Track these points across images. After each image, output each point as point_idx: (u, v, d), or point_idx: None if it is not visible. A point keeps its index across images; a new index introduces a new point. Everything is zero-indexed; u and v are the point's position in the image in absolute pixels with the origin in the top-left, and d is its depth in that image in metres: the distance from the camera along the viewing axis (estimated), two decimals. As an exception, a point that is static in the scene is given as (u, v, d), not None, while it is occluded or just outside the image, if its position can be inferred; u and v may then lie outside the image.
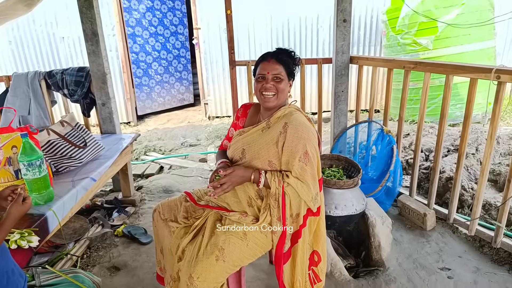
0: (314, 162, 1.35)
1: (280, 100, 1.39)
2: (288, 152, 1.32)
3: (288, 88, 1.42)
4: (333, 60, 2.82)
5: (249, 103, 1.60)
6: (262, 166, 1.36)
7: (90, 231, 2.28)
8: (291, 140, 1.31)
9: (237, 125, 1.58)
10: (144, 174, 3.84)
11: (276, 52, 1.40)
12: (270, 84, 1.37)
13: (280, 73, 1.36)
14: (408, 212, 2.44)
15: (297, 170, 1.31)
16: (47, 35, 5.17)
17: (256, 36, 5.35)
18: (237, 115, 1.60)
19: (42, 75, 2.67)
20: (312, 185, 1.33)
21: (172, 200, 1.56)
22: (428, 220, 2.28)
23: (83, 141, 1.96)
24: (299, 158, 1.31)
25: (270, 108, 1.42)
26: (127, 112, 5.65)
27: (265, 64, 1.38)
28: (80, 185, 1.72)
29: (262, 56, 1.41)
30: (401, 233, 2.28)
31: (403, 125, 2.55)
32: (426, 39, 4.09)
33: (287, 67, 1.38)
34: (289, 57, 1.40)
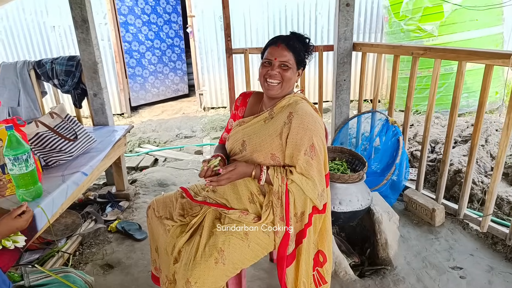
0: (321, 156, 1.28)
1: (284, 89, 1.31)
2: (292, 145, 1.25)
3: (296, 78, 1.33)
4: (335, 47, 2.74)
5: (248, 92, 1.52)
6: (264, 159, 1.30)
7: (82, 227, 2.22)
8: (296, 132, 1.24)
9: (236, 115, 1.50)
10: (138, 166, 3.78)
11: (288, 37, 1.31)
12: (276, 71, 1.29)
13: (288, 61, 1.28)
14: (415, 207, 2.39)
15: (302, 164, 1.25)
16: (38, 24, 5.03)
17: (252, 24, 5.24)
18: (235, 105, 1.53)
19: (31, 64, 2.57)
20: (318, 181, 1.27)
21: (167, 196, 1.50)
22: (437, 216, 2.23)
23: (73, 134, 1.89)
24: (305, 152, 1.24)
25: (273, 97, 1.35)
26: (121, 103, 5.55)
27: (274, 49, 1.29)
28: (70, 180, 1.66)
29: (272, 39, 1.33)
30: (408, 229, 2.23)
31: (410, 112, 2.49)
32: (431, 25, 4.01)
33: (297, 54, 1.29)
34: (301, 44, 1.31)
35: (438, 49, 2.14)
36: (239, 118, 1.47)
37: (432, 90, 2.23)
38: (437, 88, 4.23)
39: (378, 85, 2.70)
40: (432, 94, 2.24)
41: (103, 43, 5.15)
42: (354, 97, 5.29)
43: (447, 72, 4.14)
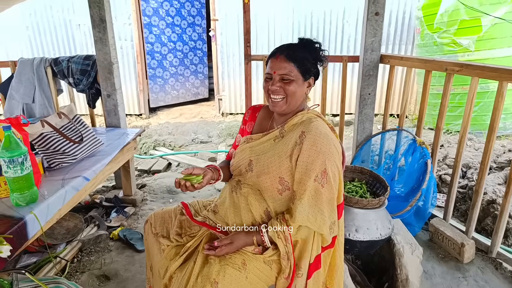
0: (335, 184, 1.14)
1: (291, 105, 1.19)
2: (302, 169, 1.12)
3: (305, 90, 1.20)
4: (361, 58, 2.59)
5: (258, 105, 1.39)
6: (271, 183, 1.17)
7: (84, 232, 2.16)
8: (307, 154, 1.11)
9: (245, 131, 1.39)
10: (150, 170, 3.75)
11: (288, 46, 1.18)
12: (277, 85, 1.16)
13: (288, 73, 1.15)
14: (441, 239, 2.18)
15: (309, 193, 1.11)
16: (64, 22, 5.16)
17: (276, 30, 5.15)
18: (244, 119, 1.41)
19: (48, 62, 2.58)
20: (328, 213, 1.13)
21: (166, 211, 1.40)
22: (466, 252, 2.02)
23: (79, 136, 1.84)
24: (315, 178, 1.10)
25: (281, 113, 1.23)
26: (139, 104, 5.58)
27: (273, 62, 1.18)
28: (69, 185, 1.59)
29: (273, 50, 1.21)
30: (433, 264, 2.03)
31: (441, 134, 2.29)
32: (468, 39, 3.78)
33: (300, 64, 1.15)
34: (307, 52, 1.18)
35: (476, 66, 1.96)
36: (247, 134, 1.36)
37: (467, 111, 2.05)
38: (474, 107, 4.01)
39: (407, 101, 2.52)
40: (467, 115, 2.05)
41: (126, 43, 5.21)
42: (379, 111, 5.07)
43: (483, 90, 3.89)
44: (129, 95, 5.52)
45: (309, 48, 1.19)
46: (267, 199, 1.19)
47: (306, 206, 1.11)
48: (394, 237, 1.88)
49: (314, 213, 1.12)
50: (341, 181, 1.19)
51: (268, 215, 1.20)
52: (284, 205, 1.18)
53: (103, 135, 2.35)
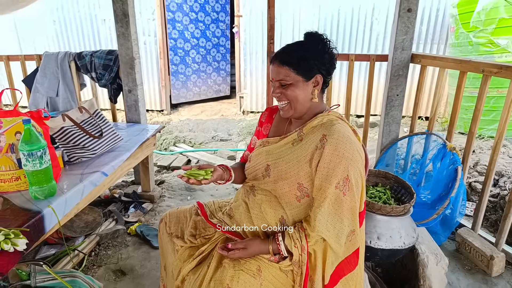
0: (357, 191, 1.08)
1: (297, 109, 1.14)
2: (323, 174, 1.06)
3: (310, 90, 1.13)
4: (390, 57, 2.49)
5: (275, 107, 1.33)
6: (290, 189, 1.13)
7: (102, 226, 2.20)
8: (329, 159, 1.05)
9: (261, 133, 1.35)
10: (170, 166, 3.78)
11: (283, 49, 1.14)
12: (277, 92, 1.14)
13: (284, 78, 1.11)
14: (469, 250, 2.07)
15: (330, 201, 1.05)
16: (89, 17, 5.29)
17: (301, 27, 5.06)
18: (260, 120, 1.37)
19: (72, 56, 2.63)
20: (348, 222, 1.07)
21: (181, 211, 1.38)
22: (495, 265, 1.91)
23: (99, 131, 1.86)
24: (337, 185, 1.05)
25: (292, 118, 1.19)
26: (161, 100, 5.65)
27: (272, 68, 1.15)
28: (88, 180, 1.61)
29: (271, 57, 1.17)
30: (458, 276, 1.93)
31: (473, 139, 2.17)
32: (506, 39, 3.56)
33: (297, 66, 1.09)
34: (305, 49, 1.10)
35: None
36: (264, 137, 1.31)
37: (504, 116, 1.92)
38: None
39: (438, 103, 2.40)
40: (504, 120, 1.92)
41: (149, 39, 5.28)
42: (405, 113, 4.90)
43: (521, 93, 3.66)
44: (151, 91, 5.60)
45: (307, 44, 1.12)
46: (284, 206, 1.14)
47: (326, 214, 1.06)
48: (418, 246, 1.80)
49: (333, 221, 1.07)
50: (363, 188, 1.13)
51: (283, 223, 1.15)
52: (302, 212, 1.13)
53: (123, 131, 2.37)
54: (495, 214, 2.48)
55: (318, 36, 1.14)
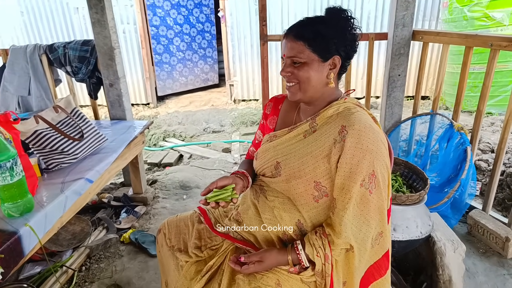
0: (384, 187, 0.94)
1: (308, 92, 0.98)
2: (345, 172, 0.92)
3: (326, 73, 0.97)
4: (390, 35, 2.34)
5: (281, 96, 1.19)
6: (305, 189, 0.98)
7: (92, 236, 2.02)
8: (351, 154, 0.91)
9: (266, 127, 1.18)
10: (161, 163, 3.60)
11: (301, 22, 0.98)
12: (287, 70, 0.98)
13: (297, 55, 0.95)
14: (482, 232, 1.99)
15: (355, 201, 0.91)
16: (60, 6, 4.95)
17: (290, 8, 4.85)
18: (264, 113, 1.21)
19: (42, 49, 2.38)
20: (376, 223, 0.94)
21: (181, 219, 1.22)
22: (510, 246, 1.84)
23: (79, 132, 1.66)
24: (362, 182, 0.91)
25: (301, 102, 1.04)
26: (146, 93, 5.40)
27: (283, 43, 1.00)
28: (70, 189, 1.43)
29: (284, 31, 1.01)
30: (474, 260, 1.86)
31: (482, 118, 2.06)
32: (501, 12, 3.44)
33: (313, 42, 0.93)
34: (325, 25, 0.95)
35: (530, 40, 1.70)
36: (270, 131, 1.15)
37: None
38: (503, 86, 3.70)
39: (442, 82, 2.27)
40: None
41: (128, 27, 4.99)
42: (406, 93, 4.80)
43: (518, 67, 3.58)
44: (135, 83, 5.33)
45: (328, 20, 0.96)
46: (300, 208, 0.99)
47: (351, 217, 0.92)
48: (433, 234, 1.71)
49: (359, 224, 0.93)
50: (389, 183, 0.99)
51: (301, 228, 1.00)
52: (321, 214, 0.99)
53: (107, 129, 2.17)
54: (501, 193, 2.42)
55: (341, 11, 0.97)
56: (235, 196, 1.00)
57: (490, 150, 2.78)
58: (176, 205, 2.46)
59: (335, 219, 0.93)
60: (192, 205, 2.46)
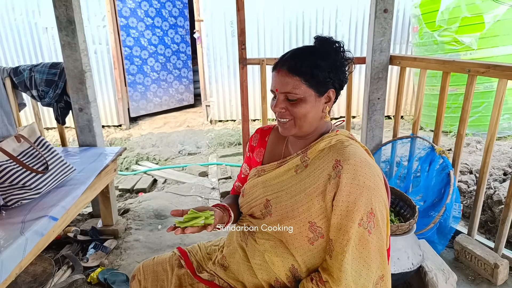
0: (383, 226, 0.88)
1: (303, 128, 0.93)
2: (342, 210, 0.85)
3: (321, 107, 0.93)
4: (368, 60, 2.38)
5: (267, 127, 1.13)
6: (299, 231, 0.89)
7: (55, 277, 1.82)
8: (348, 191, 0.85)
9: (253, 160, 1.11)
10: (134, 188, 3.41)
11: (293, 54, 0.92)
12: (280, 107, 0.92)
13: (292, 91, 0.89)
14: (469, 258, 1.97)
15: (353, 243, 0.84)
16: (28, 25, 4.74)
17: (266, 30, 4.91)
18: (250, 145, 1.13)
19: (6, 72, 2.23)
20: (377, 266, 0.86)
21: (159, 262, 1.10)
22: (500, 273, 1.82)
23: (43, 163, 1.51)
24: (360, 221, 0.84)
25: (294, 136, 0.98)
26: (118, 114, 5.21)
27: (275, 76, 0.93)
28: (32, 230, 1.27)
29: (276, 62, 0.95)
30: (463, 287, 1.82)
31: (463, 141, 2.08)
32: (470, 37, 3.63)
33: (309, 77, 0.89)
34: (320, 57, 0.90)
35: (505, 67, 1.75)
36: (257, 164, 1.07)
37: (494, 116, 1.84)
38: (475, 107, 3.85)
39: (420, 106, 2.31)
40: (495, 120, 1.84)
41: (100, 47, 4.84)
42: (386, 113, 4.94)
43: (487, 90, 3.76)
44: (106, 105, 5.13)
45: (322, 52, 0.92)
46: (293, 251, 0.91)
47: (350, 260, 0.84)
48: (424, 263, 1.67)
49: (359, 268, 0.85)
50: (388, 221, 0.93)
51: (295, 273, 0.92)
52: (316, 257, 0.91)
53: (75, 157, 2.02)
54: (483, 214, 2.44)
55: (334, 43, 0.93)
56: (211, 221, 0.90)
57: (469, 171, 2.84)
58: (151, 237, 2.30)
59: (333, 263, 0.85)
60: (168, 237, 2.30)
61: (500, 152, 3.01)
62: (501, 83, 1.80)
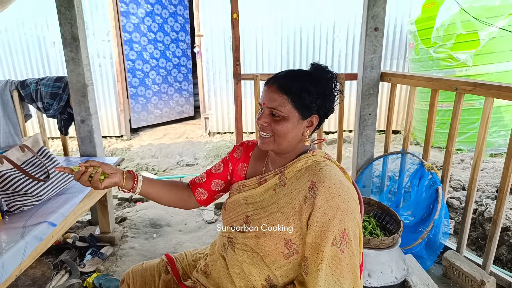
0: (356, 245, 0.93)
1: (281, 145, 0.99)
2: (317, 230, 0.91)
3: (302, 130, 0.99)
4: (360, 76, 2.48)
5: (252, 142, 1.19)
6: (275, 247, 0.97)
7: (53, 281, 1.91)
8: (322, 212, 0.90)
9: (235, 174, 1.18)
10: (132, 198, 3.50)
11: (286, 74, 0.99)
12: (264, 121, 0.98)
13: (278, 107, 0.95)
14: (457, 274, 2.02)
15: (327, 261, 0.90)
16: (37, 39, 4.94)
17: (264, 45, 5.05)
18: (232, 155, 1.19)
19: (14, 85, 2.37)
20: (349, 283, 0.92)
21: (147, 268, 1.19)
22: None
23: (45, 172, 1.62)
24: (334, 241, 0.90)
25: (272, 151, 1.05)
26: (120, 125, 5.34)
27: (265, 91, 0.99)
28: (31, 235, 1.37)
29: (268, 78, 1.02)
30: (450, 303, 1.87)
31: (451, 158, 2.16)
32: (465, 53, 3.74)
33: (296, 98, 0.95)
34: (310, 82, 0.96)
35: (491, 86, 1.84)
36: (240, 179, 1.15)
37: (481, 133, 1.92)
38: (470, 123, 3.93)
39: (410, 122, 2.40)
40: (482, 137, 1.92)
41: (104, 61, 5.01)
42: (378, 127, 5.01)
43: (481, 106, 3.84)
44: (109, 116, 5.28)
45: (314, 78, 0.98)
46: (269, 264, 0.98)
47: (323, 278, 0.90)
48: (409, 278, 1.72)
49: (331, 285, 0.90)
50: (361, 238, 0.98)
51: (271, 283, 0.99)
52: (291, 271, 0.98)
53: (76, 167, 2.12)
54: (474, 231, 2.48)
55: (328, 72, 1.00)
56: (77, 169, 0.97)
57: (462, 187, 2.89)
58: (146, 245, 2.39)
59: (308, 280, 0.91)
60: (162, 245, 2.39)
61: (494, 169, 3.07)
62: (487, 101, 1.88)
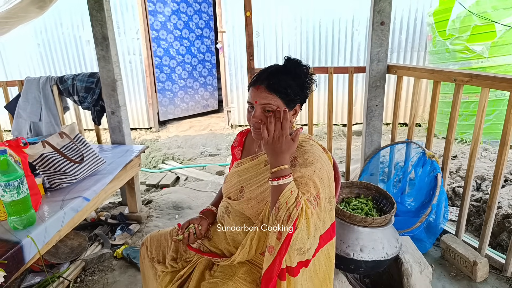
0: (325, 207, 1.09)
1: None
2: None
3: (290, 119, 1.10)
4: (367, 69, 2.56)
5: (245, 131, 1.38)
6: (256, 207, 1.14)
7: (88, 251, 2.18)
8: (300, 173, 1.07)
9: (234, 157, 1.39)
10: (159, 184, 3.77)
11: (270, 75, 1.09)
12: (258, 117, 1.10)
13: (269, 103, 1.07)
14: (453, 256, 2.10)
15: None
16: (74, 38, 5.32)
17: (284, 40, 5.16)
18: (232, 146, 1.41)
19: (54, 80, 2.65)
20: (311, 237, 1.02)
21: (162, 234, 1.39)
22: (478, 270, 1.93)
23: (80, 155, 1.86)
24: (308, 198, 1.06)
25: None
26: (149, 118, 5.66)
27: (253, 91, 1.10)
28: (69, 207, 1.61)
29: (253, 78, 1.14)
30: (444, 283, 1.96)
31: (451, 147, 2.22)
32: (481, 45, 3.68)
33: (284, 95, 1.08)
34: (291, 78, 1.09)
35: (486, 77, 1.89)
36: (237, 159, 1.34)
37: (478, 123, 1.97)
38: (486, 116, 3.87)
39: (415, 112, 2.46)
40: (478, 127, 1.98)
41: (134, 58, 5.32)
42: (385, 120, 4.99)
43: (498, 98, 3.77)
44: (138, 109, 5.61)
45: (294, 73, 1.10)
46: (254, 219, 1.17)
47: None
48: (402, 256, 1.82)
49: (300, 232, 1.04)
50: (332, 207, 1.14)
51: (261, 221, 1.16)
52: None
53: (107, 153, 2.38)
54: (479, 219, 2.52)
55: (303, 66, 1.13)
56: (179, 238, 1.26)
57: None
58: (168, 224, 2.62)
59: None
60: (183, 225, 2.61)
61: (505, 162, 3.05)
62: (483, 92, 1.93)
